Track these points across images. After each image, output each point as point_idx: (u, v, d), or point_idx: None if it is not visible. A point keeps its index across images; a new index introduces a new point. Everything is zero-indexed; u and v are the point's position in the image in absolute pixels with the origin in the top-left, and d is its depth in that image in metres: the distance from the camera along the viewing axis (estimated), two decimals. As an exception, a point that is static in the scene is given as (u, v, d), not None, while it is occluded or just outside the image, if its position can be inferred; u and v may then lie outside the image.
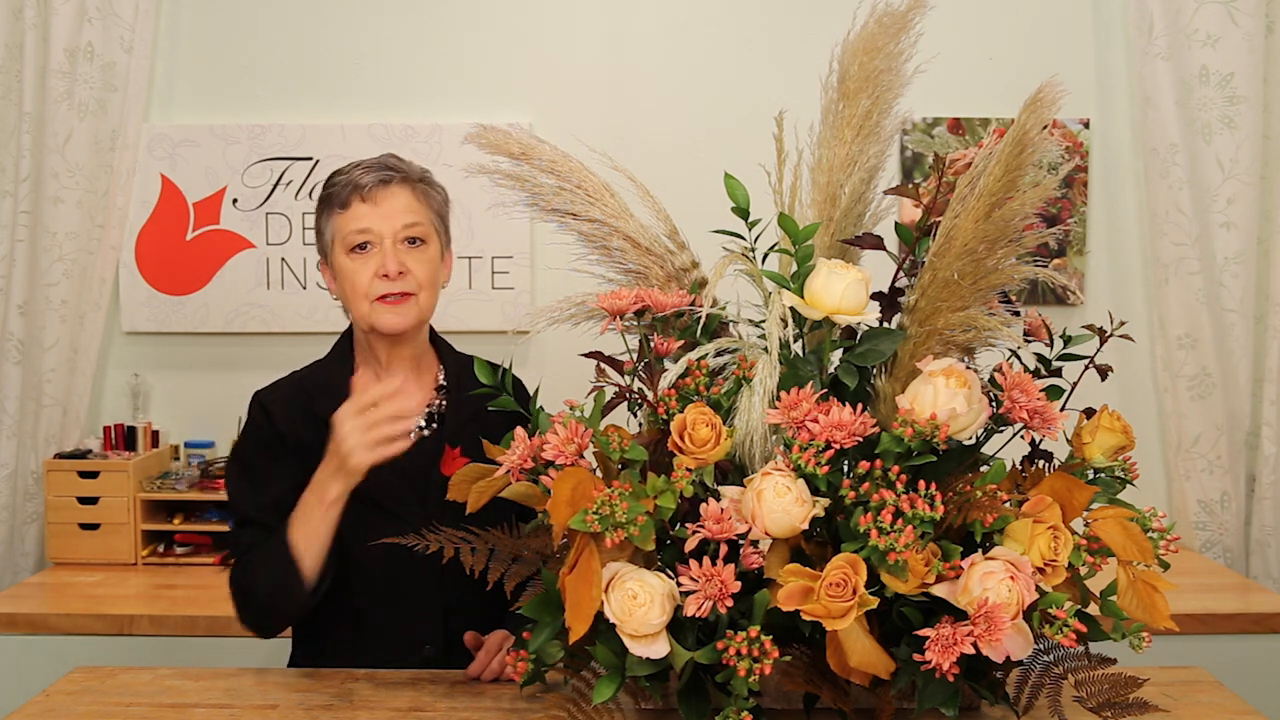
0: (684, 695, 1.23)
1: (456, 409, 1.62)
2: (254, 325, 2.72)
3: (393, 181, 1.56)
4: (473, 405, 1.62)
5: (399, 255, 1.54)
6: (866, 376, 1.32)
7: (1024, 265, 1.30)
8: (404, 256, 1.55)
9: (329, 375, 1.62)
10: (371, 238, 1.55)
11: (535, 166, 1.48)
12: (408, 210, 1.56)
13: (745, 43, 2.70)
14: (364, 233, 1.54)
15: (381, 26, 2.71)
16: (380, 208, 1.55)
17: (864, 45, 1.41)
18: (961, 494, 1.19)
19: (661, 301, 1.35)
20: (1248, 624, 2.21)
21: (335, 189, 1.57)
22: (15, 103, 2.58)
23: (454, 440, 1.60)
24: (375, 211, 1.55)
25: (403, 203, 1.56)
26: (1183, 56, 2.53)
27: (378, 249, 1.55)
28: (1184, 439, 2.63)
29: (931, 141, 2.68)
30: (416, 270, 1.56)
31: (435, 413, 1.63)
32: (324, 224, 1.59)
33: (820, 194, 1.43)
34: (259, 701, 1.43)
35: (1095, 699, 1.23)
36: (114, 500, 2.52)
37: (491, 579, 1.40)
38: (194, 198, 2.70)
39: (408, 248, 1.56)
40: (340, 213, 1.56)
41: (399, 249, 1.55)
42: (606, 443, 1.23)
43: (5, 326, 2.60)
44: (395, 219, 1.55)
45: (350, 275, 1.56)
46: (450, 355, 1.68)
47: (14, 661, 2.23)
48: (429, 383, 1.65)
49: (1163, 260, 2.60)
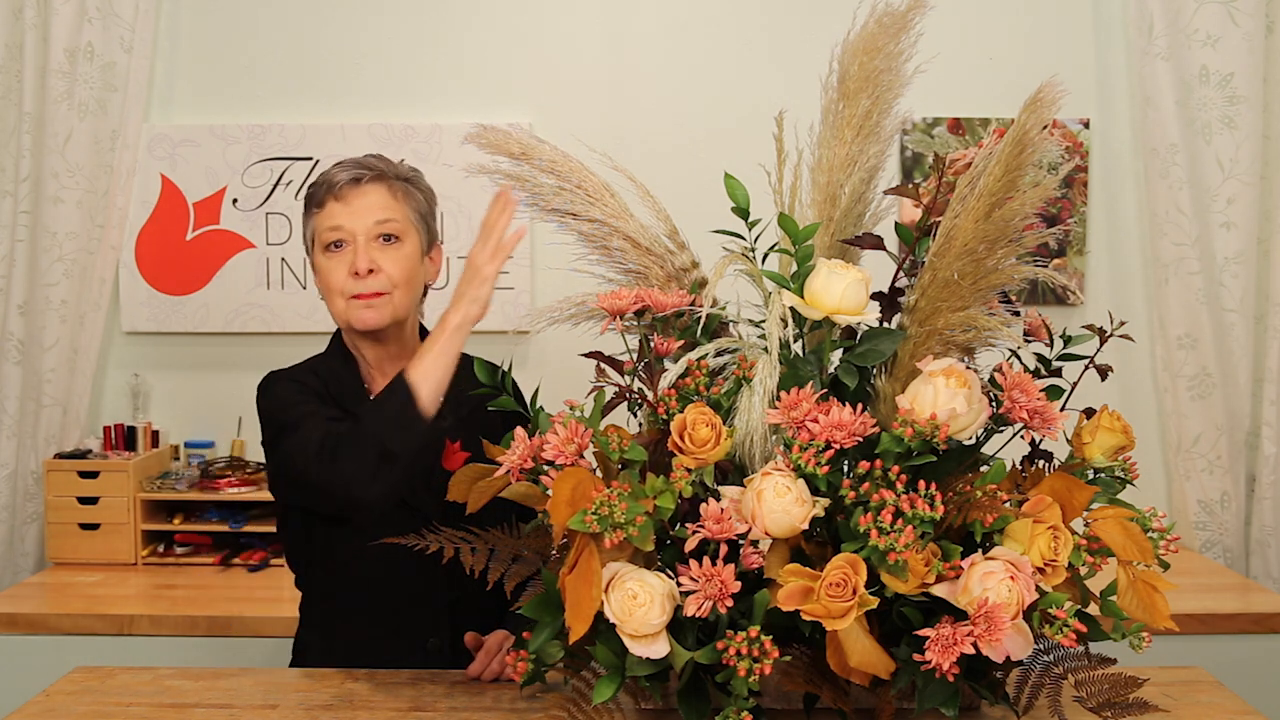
0: (684, 695, 1.23)
1: (454, 405, 1.63)
2: (254, 325, 2.72)
3: (364, 180, 1.57)
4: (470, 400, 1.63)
5: (370, 253, 1.55)
6: (866, 376, 1.32)
7: (1024, 265, 1.30)
8: (376, 254, 1.55)
9: (335, 369, 1.63)
10: (344, 235, 1.55)
11: (535, 166, 1.48)
12: (380, 207, 1.56)
13: (745, 43, 2.70)
14: (336, 230, 1.56)
15: (381, 26, 2.71)
16: (351, 205, 1.55)
17: (864, 45, 1.41)
18: (961, 494, 1.19)
19: (661, 301, 1.35)
20: (1248, 624, 2.21)
21: (314, 189, 1.59)
22: (15, 103, 2.58)
23: (454, 435, 1.60)
24: (346, 209, 1.55)
25: (375, 200, 1.56)
26: (1183, 56, 2.53)
27: (350, 247, 1.55)
28: (1184, 439, 2.63)
29: (931, 141, 2.68)
30: (389, 268, 1.56)
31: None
32: (306, 223, 1.62)
33: (820, 194, 1.43)
34: (259, 701, 1.43)
35: (1095, 699, 1.23)
36: (114, 500, 2.52)
37: (491, 579, 1.40)
38: (194, 198, 2.71)
39: (381, 245, 1.56)
40: (317, 212, 1.58)
41: (371, 246, 1.55)
42: (606, 443, 1.23)
43: (5, 326, 2.60)
44: (367, 215, 1.55)
45: (325, 273, 1.57)
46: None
47: (14, 661, 2.23)
48: None
49: (1163, 260, 2.60)
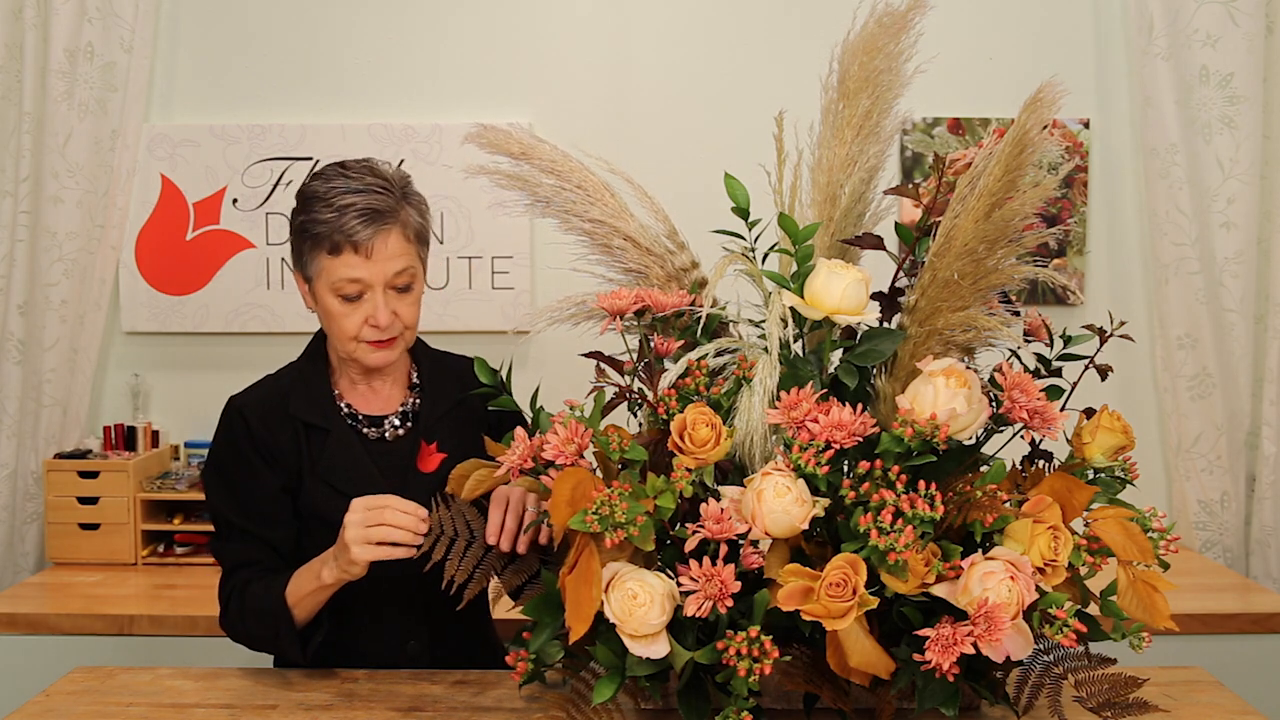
0: (684, 695, 1.23)
1: (431, 406, 1.63)
2: (254, 325, 2.72)
3: (384, 227, 1.50)
4: (447, 401, 1.64)
5: (389, 303, 1.52)
6: (866, 376, 1.32)
7: (1024, 265, 1.30)
8: (393, 302, 1.53)
9: (304, 377, 1.62)
10: (363, 288, 1.51)
11: (535, 166, 1.48)
12: (398, 256, 1.51)
13: (745, 43, 2.70)
14: (356, 283, 1.51)
15: (381, 27, 2.71)
16: (371, 258, 1.50)
17: (864, 45, 1.41)
18: (961, 494, 1.19)
19: (661, 301, 1.35)
20: (1248, 624, 2.20)
21: (325, 229, 1.49)
22: (15, 103, 2.58)
23: (430, 436, 1.61)
24: (366, 263, 1.49)
25: (394, 249, 1.51)
26: (1183, 56, 2.53)
27: (369, 297, 1.52)
28: (1184, 439, 2.63)
29: (931, 141, 2.68)
30: (404, 314, 1.54)
31: (410, 411, 1.64)
32: (310, 255, 1.53)
33: (820, 194, 1.43)
34: (259, 701, 1.43)
35: (1095, 699, 1.23)
36: (114, 500, 2.53)
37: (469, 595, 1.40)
38: (194, 198, 2.70)
39: (397, 295, 1.53)
40: (329, 256, 1.50)
41: (389, 296, 1.52)
42: (606, 443, 1.22)
43: (5, 326, 2.60)
44: (388, 267, 1.51)
45: (338, 319, 1.53)
46: (423, 353, 1.69)
47: (14, 661, 2.23)
48: (402, 382, 1.66)
49: (1163, 260, 2.60)
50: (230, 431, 1.59)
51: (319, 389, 1.60)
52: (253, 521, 1.56)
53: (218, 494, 1.60)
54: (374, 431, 1.61)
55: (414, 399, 1.64)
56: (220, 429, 1.61)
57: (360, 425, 1.60)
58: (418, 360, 1.67)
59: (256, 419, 1.58)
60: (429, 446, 1.60)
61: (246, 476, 1.57)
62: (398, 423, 1.62)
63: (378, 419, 1.61)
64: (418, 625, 1.61)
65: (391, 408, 1.63)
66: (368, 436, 1.60)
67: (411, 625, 1.61)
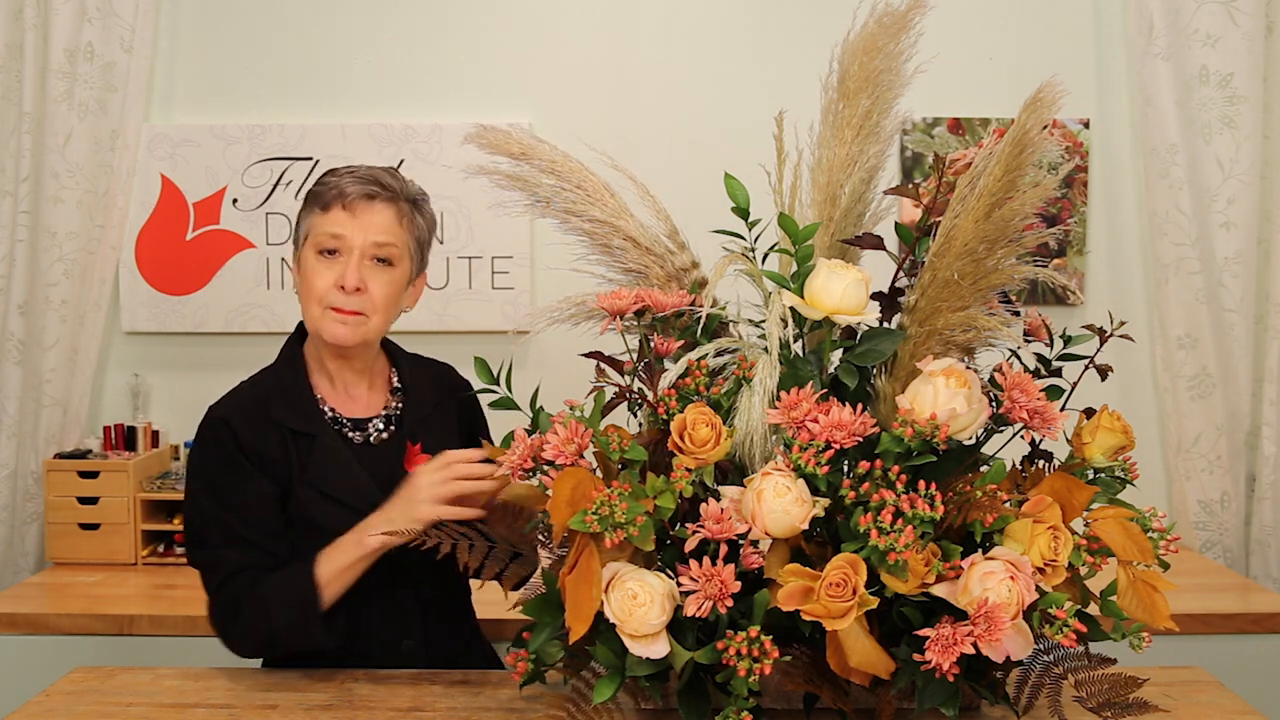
0: (684, 695, 1.23)
1: (413, 407, 1.64)
2: (254, 325, 2.72)
3: (378, 198, 1.55)
4: (430, 402, 1.66)
5: (362, 271, 1.53)
6: (866, 376, 1.32)
7: (1024, 265, 1.30)
8: (367, 273, 1.54)
9: (282, 380, 1.61)
10: (341, 245, 1.53)
11: (535, 166, 1.48)
12: (384, 229, 1.54)
13: (745, 43, 2.70)
14: (336, 238, 1.53)
15: (382, 26, 2.71)
16: (358, 219, 1.53)
17: (864, 45, 1.42)
18: (961, 494, 1.19)
19: (661, 301, 1.35)
20: (1248, 624, 2.20)
21: (323, 189, 1.56)
22: (15, 103, 2.58)
23: (414, 437, 1.61)
24: (352, 221, 1.53)
25: (381, 220, 1.54)
26: (1183, 56, 2.53)
27: (344, 258, 1.53)
28: (1184, 439, 2.63)
29: (931, 141, 2.68)
30: (375, 291, 1.54)
31: (392, 415, 1.64)
32: (304, 218, 1.59)
33: (820, 194, 1.43)
34: (259, 702, 1.43)
35: (1095, 699, 1.23)
36: (114, 500, 2.52)
37: (486, 577, 1.41)
38: (194, 198, 2.70)
39: (374, 265, 1.55)
40: (320, 213, 1.55)
41: (364, 265, 1.54)
42: (606, 443, 1.22)
43: (5, 326, 2.60)
44: (369, 233, 1.53)
45: (311, 276, 1.55)
46: (402, 356, 1.70)
47: (14, 661, 2.23)
48: (382, 386, 1.66)
49: (1163, 260, 2.59)
50: (219, 441, 1.55)
51: (299, 393, 1.59)
52: (253, 529, 1.52)
53: (209, 506, 1.53)
54: (359, 435, 1.60)
55: (396, 403, 1.65)
56: (206, 440, 1.56)
57: (345, 429, 1.60)
58: (397, 364, 1.68)
59: (243, 426, 1.55)
60: (415, 448, 1.60)
61: (243, 484, 1.53)
62: (381, 426, 1.62)
63: (362, 422, 1.61)
64: (413, 624, 1.60)
65: (374, 411, 1.63)
66: (353, 440, 1.60)
67: (407, 624, 1.60)
